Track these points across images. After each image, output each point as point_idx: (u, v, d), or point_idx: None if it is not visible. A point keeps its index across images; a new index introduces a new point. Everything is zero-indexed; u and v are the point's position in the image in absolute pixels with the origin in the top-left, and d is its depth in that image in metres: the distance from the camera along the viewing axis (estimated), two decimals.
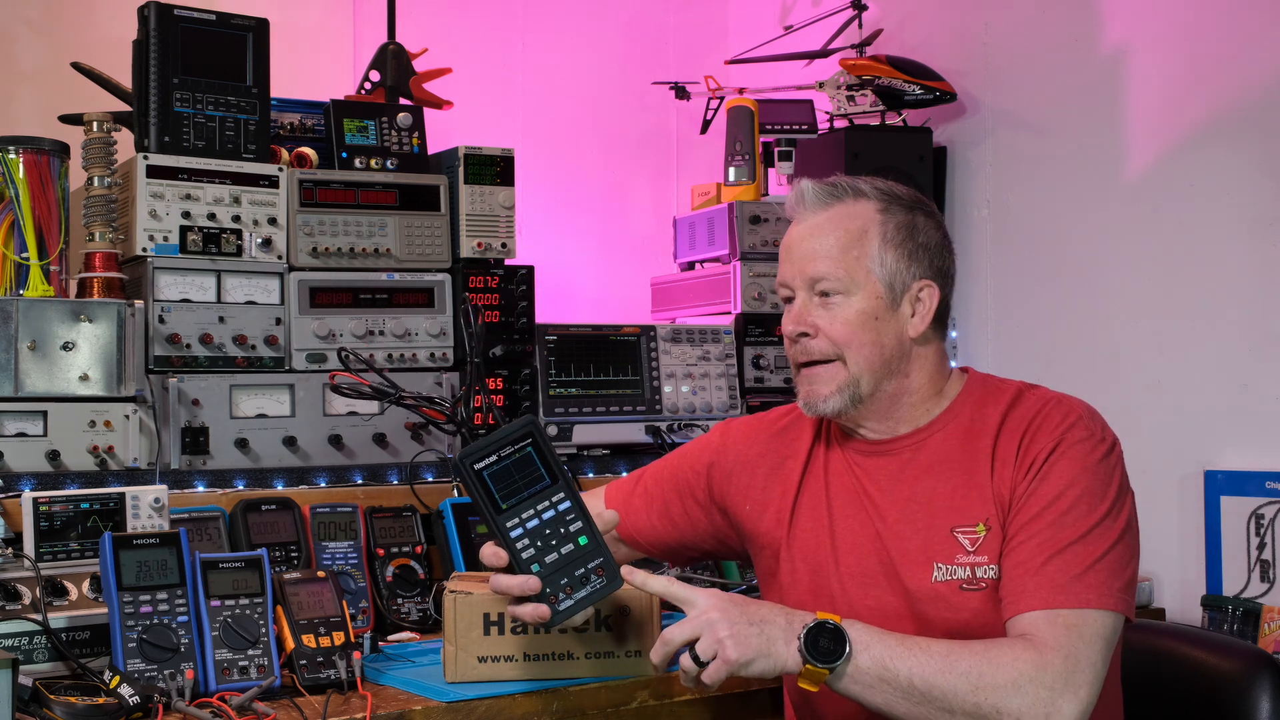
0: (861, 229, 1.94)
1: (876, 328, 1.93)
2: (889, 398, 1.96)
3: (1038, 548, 1.81)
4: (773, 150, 3.50)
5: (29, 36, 3.16)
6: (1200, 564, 2.92)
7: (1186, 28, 3.05)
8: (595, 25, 4.02)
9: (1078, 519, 1.81)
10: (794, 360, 1.99)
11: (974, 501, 1.90)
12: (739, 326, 3.29)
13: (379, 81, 3.19)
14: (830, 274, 1.93)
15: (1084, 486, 1.83)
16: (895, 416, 1.98)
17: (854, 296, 1.92)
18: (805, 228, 1.97)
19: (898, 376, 1.96)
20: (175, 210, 2.71)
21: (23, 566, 2.11)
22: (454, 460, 1.85)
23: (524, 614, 1.83)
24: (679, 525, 2.17)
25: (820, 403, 1.95)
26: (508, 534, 1.84)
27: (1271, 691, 2.01)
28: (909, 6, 3.68)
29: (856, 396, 1.93)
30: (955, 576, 1.87)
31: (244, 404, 2.70)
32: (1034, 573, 1.79)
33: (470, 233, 2.99)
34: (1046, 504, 1.83)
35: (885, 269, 1.93)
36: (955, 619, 1.86)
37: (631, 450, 3.09)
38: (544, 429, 1.90)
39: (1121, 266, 3.16)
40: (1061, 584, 1.77)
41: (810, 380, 1.96)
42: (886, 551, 1.93)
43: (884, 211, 1.96)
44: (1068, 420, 1.89)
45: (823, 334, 1.93)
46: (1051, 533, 1.81)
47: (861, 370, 1.93)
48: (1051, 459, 1.85)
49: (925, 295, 1.96)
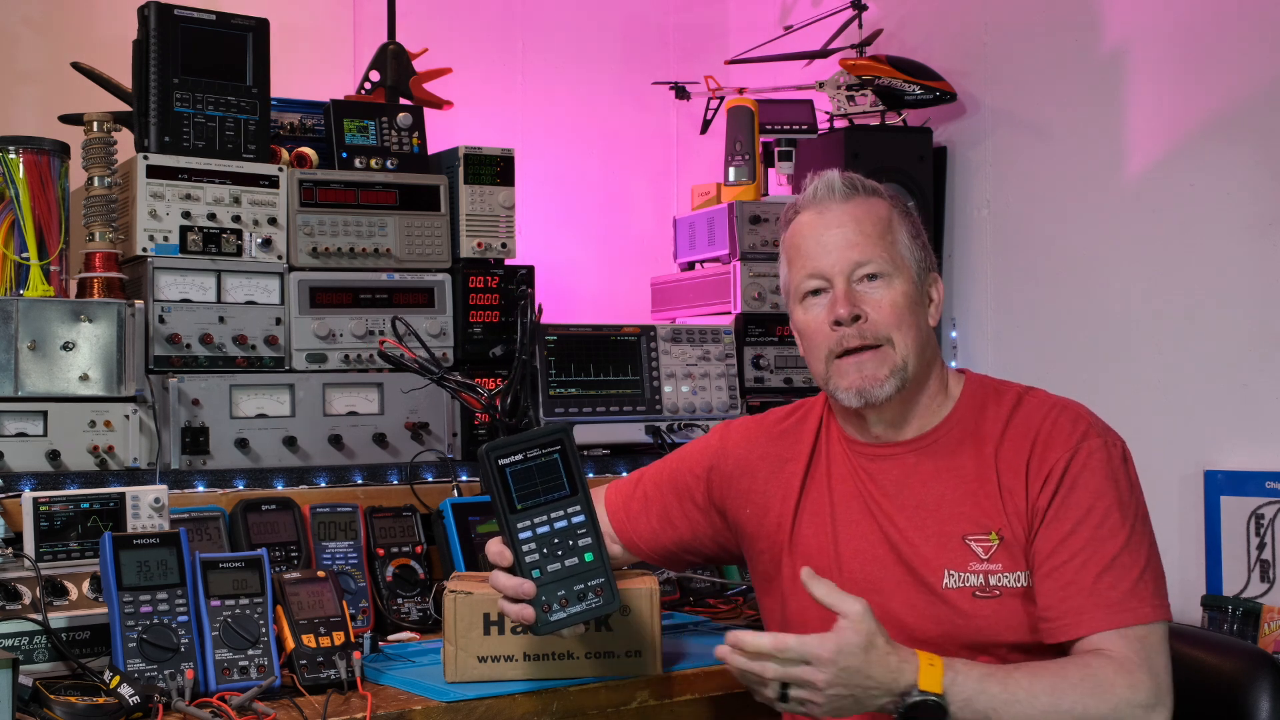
0: (887, 219, 1.97)
1: (917, 312, 1.95)
2: (915, 387, 1.96)
3: (1083, 564, 1.82)
4: (773, 150, 3.50)
5: (29, 36, 3.16)
6: (1200, 564, 2.92)
7: (1186, 28, 3.05)
8: (595, 25, 4.02)
9: (1114, 530, 1.83)
10: (837, 349, 1.94)
11: (984, 509, 1.90)
12: (739, 326, 3.29)
13: (379, 81, 3.19)
14: (876, 257, 1.93)
15: (1113, 496, 1.85)
16: (909, 414, 1.98)
17: (896, 280, 1.94)
18: (835, 216, 1.96)
19: (929, 364, 1.98)
20: (175, 210, 2.71)
21: (23, 566, 2.11)
22: (479, 451, 1.85)
23: (509, 611, 1.85)
24: (678, 528, 2.16)
25: (878, 388, 1.92)
26: (516, 535, 1.84)
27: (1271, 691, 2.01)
28: (909, 6, 3.68)
29: (905, 379, 1.93)
30: (968, 584, 1.87)
31: (244, 404, 2.70)
32: (1087, 592, 1.81)
33: (470, 233, 2.99)
34: (1080, 518, 1.84)
35: (914, 257, 1.97)
36: (967, 625, 1.87)
37: (631, 450, 3.09)
38: (574, 439, 1.90)
39: (1121, 266, 3.16)
40: (1117, 600, 1.80)
41: (861, 366, 1.92)
42: (895, 556, 1.93)
43: (895, 207, 1.99)
44: (1079, 428, 1.90)
45: (872, 317, 1.92)
46: (1093, 548, 1.82)
47: (909, 353, 1.93)
48: (1072, 470, 1.86)
49: (935, 288, 2.01)
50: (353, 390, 2.82)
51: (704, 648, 2.32)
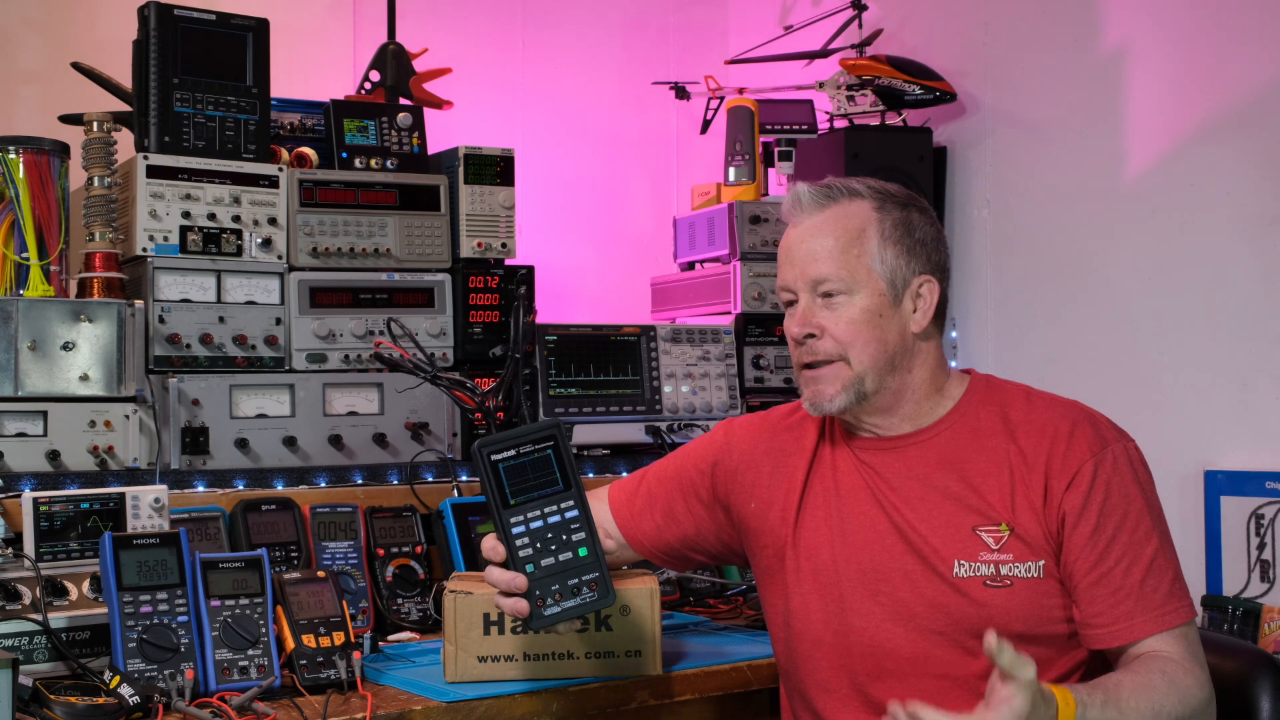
0: (860, 228, 1.95)
1: (880, 325, 1.95)
2: (892, 394, 1.97)
3: (1127, 570, 1.85)
4: (773, 150, 3.50)
5: (29, 36, 3.16)
6: (1200, 564, 2.92)
7: (1186, 28, 3.05)
8: (595, 25, 4.02)
9: (1148, 534, 1.88)
10: (798, 362, 2.00)
11: (991, 502, 1.91)
12: (739, 326, 3.29)
13: (379, 81, 3.19)
14: (832, 274, 1.94)
15: (1141, 500, 1.89)
16: (899, 413, 1.99)
17: (857, 295, 1.94)
18: (803, 230, 1.98)
19: (900, 372, 1.97)
20: (175, 210, 2.71)
21: (23, 566, 2.11)
22: (473, 447, 1.86)
23: (504, 606, 1.86)
24: (683, 525, 2.16)
25: (826, 402, 1.96)
26: (509, 530, 1.84)
27: (1271, 691, 2.01)
28: (909, 6, 3.68)
29: (861, 394, 1.95)
30: (979, 573, 1.89)
31: (244, 404, 2.70)
32: (1134, 595, 1.85)
33: (470, 233, 2.99)
34: (1119, 523, 1.87)
35: (886, 266, 1.95)
36: (978, 614, 1.88)
37: (631, 450, 3.09)
38: (568, 435, 1.90)
39: (1121, 266, 3.16)
40: (1160, 602, 1.85)
41: (815, 381, 1.97)
42: (905, 545, 1.94)
43: (879, 209, 1.97)
44: (1098, 427, 1.93)
45: (828, 334, 1.95)
46: (1134, 554, 1.86)
47: (866, 368, 1.94)
48: (1103, 474, 1.88)
49: (926, 291, 1.98)
50: (353, 390, 2.82)
51: (704, 648, 2.32)
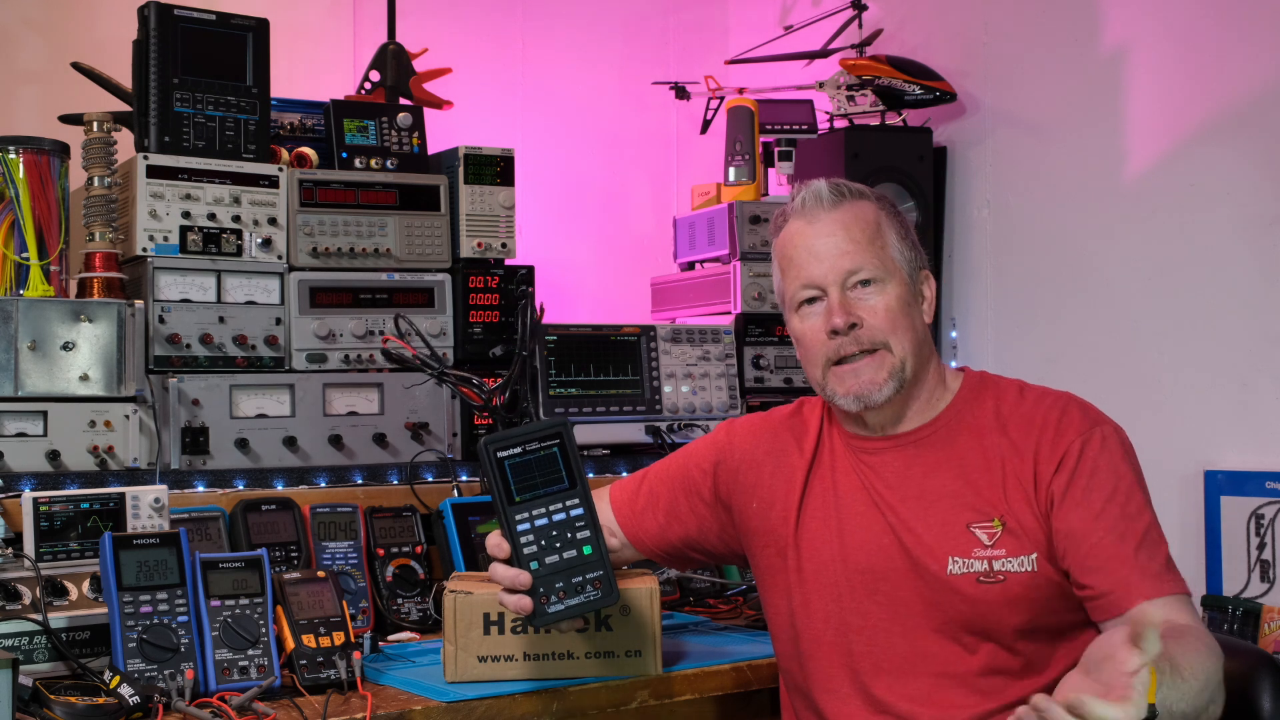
0: (876, 222, 1.99)
1: (911, 313, 1.98)
2: (914, 384, 1.99)
3: (1120, 538, 1.85)
4: (773, 150, 3.50)
5: (29, 36, 3.16)
6: (1200, 564, 2.92)
7: (1186, 28, 3.05)
8: (595, 25, 4.02)
9: (1139, 508, 1.88)
10: (834, 356, 1.97)
11: (986, 497, 1.92)
12: (739, 326, 3.29)
13: (379, 81, 3.19)
14: (867, 263, 1.96)
15: (1132, 478, 1.90)
16: (906, 410, 2.01)
17: (889, 284, 1.97)
18: (824, 225, 1.99)
19: (925, 361, 2.00)
20: (175, 210, 2.71)
21: (23, 566, 2.11)
22: (479, 444, 1.86)
23: (508, 602, 1.87)
24: (685, 524, 2.17)
25: (875, 392, 1.95)
26: (514, 527, 1.85)
27: (1271, 691, 2.01)
28: (909, 6, 3.68)
29: (903, 380, 1.96)
30: (972, 569, 1.90)
31: (244, 404, 2.70)
32: (1130, 562, 1.84)
33: (470, 233, 2.99)
34: (1108, 496, 1.87)
35: (904, 258, 2.00)
36: (972, 611, 1.89)
37: (631, 450, 3.09)
38: (574, 433, 1.91)
39: (1121, 266, 3.16)
40: (1156, 571, 1.84)
41: (857, 373, 1.96)
42: (899, 546, 1.94)
43: (882, 207, 2.02)
44: (1089, 415, 1.94)
45: (868, 323, 1.96)
46: (1126, 524, 1.85)
47: (906, 354, 1.96)
48: (1089, 452, 1.89)
49: (927, 285, 2.04)
50: (353, 390, 2.82)
51: (704, 648, 2.32)
